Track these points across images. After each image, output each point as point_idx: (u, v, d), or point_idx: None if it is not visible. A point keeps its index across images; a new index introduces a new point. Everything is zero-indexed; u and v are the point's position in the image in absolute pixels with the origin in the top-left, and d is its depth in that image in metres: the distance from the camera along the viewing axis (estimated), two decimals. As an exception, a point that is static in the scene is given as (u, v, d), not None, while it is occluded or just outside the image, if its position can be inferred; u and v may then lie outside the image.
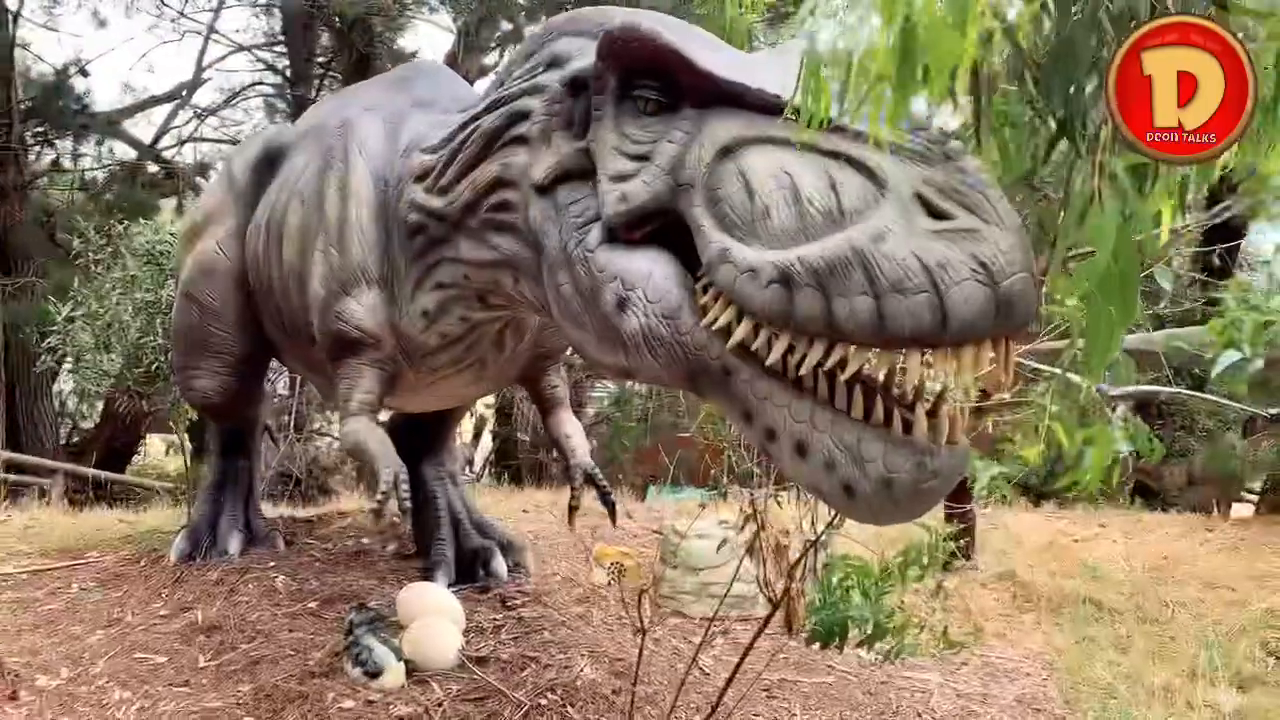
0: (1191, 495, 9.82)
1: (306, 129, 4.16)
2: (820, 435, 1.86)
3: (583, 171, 2.33)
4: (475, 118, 2.77)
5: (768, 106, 1.98)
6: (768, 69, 2.07)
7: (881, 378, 1.89)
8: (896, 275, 1.67)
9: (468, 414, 12.44)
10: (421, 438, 5.02)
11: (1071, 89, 1.69)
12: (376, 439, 3.36)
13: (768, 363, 1.88)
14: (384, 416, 4.31)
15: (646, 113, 2.20)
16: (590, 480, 3.79)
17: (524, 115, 2.56)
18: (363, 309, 3.32)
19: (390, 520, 3.29)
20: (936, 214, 1.72)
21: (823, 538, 2.70)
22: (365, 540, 5.47)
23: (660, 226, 2.16)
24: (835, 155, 1.85)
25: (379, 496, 3.21)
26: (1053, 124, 1.76)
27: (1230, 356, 2.03)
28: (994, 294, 1.66)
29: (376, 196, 3.34)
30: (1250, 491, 10.31)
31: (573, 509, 3.78)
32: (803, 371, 1.83)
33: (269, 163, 4.24)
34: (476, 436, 13.30)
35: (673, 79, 2.13)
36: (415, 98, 3.62)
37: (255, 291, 4.23)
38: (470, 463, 13.17)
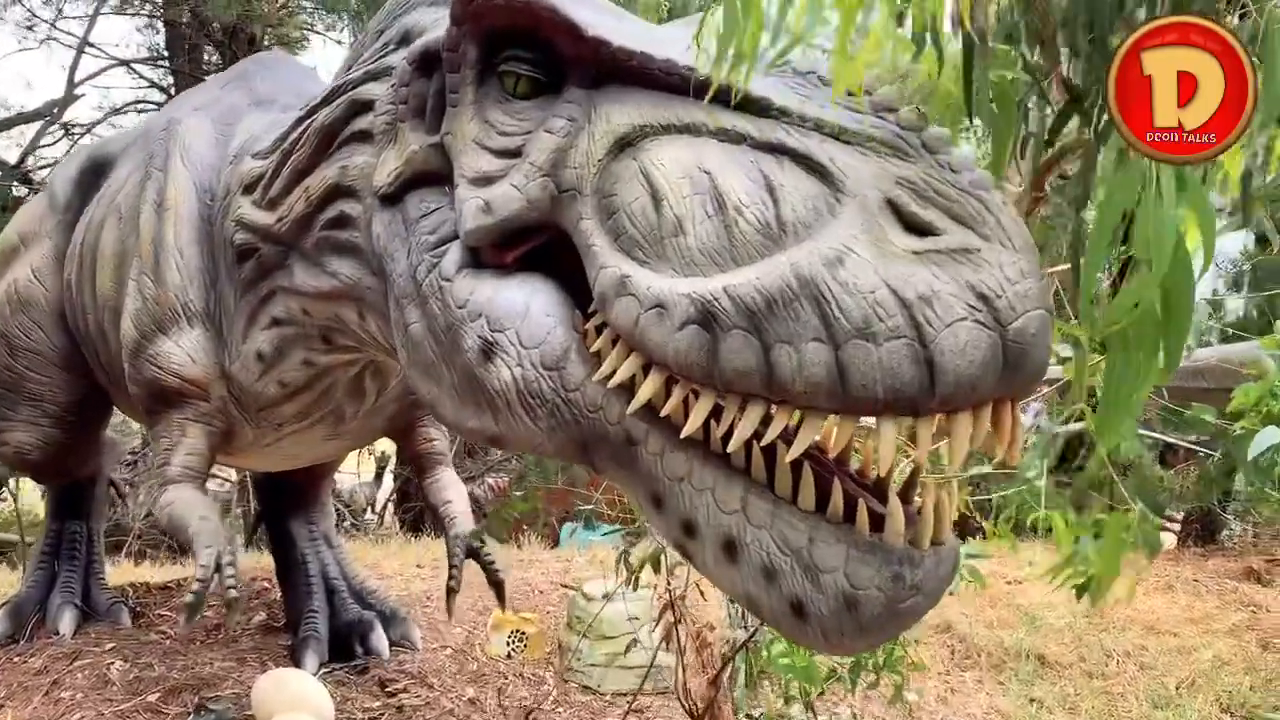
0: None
1: (136, 136, 3.52)
2: (757, 532, 1.35)
3: (438, 174, 1.79)
4: (311, 111, 2.21)
5: (680, 84, 1.47)
6: (679, 39, 1.56)
7: (838, 451, 1.38)
8: (862, 314, 1.18)
9: (366, 452, 11.68)
10: (290, 492, 4.39)
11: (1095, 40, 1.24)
12: (198, 512, 2.72)
13: (685, 432, 1.37)
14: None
15: (517, 94, 1.66)
16: (474, 555, 3.21)
17: (367, 105, 2.00)
18: (182, 352, 2.70)
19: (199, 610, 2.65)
20: (916, 228, 1.23)
21: (755, 637, 2.21)
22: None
23: (540, 245, 1.64)
24: (773, 148, 1.35)
25: (196, 583, 2.59)
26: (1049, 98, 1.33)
27: (1271, 436, 1.61)
28: (1000, 339, 1.18)
29: (200, 212, 2.73)
30: (1171, 519, 10.19)
31: (451, 592, 3.19)
32: (732, 447, 1.32)
33: (95, 175, 3.57)
34: (378, 476, 12.49)
35: (551, 48, 1.61)
36: (254, 94, 3.02)
37: (73, 328, 3.55)
38: (372, 504, 12.38)
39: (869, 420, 1.29)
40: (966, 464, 1.67)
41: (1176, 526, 9.80)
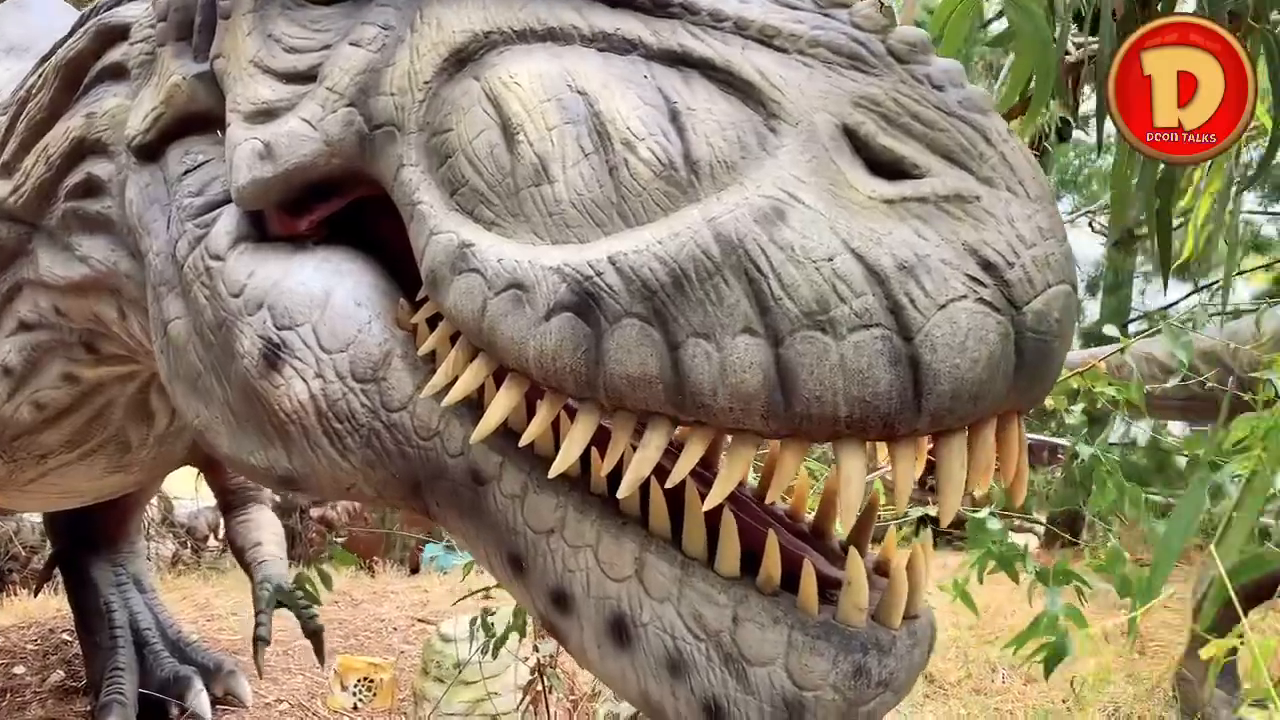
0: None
1: None
2: (658, 607, 0.94)
3: (208, 115, 1.31)
4: (54, 49, 1.69)
5: (542, -25, 1.05)
6: None
7: (776, 493, 0.99)
8: (815, 292, 0.79)
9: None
10: (91, 528, 3.76)
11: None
12: None
13: (555, 469, 0.95)
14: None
15: None
16: (285, 601, 2.71)
17: (121, 31, 1.51)
18: None
19: None
20: (887, 167, 0.85)
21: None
22: (18, 670, 4.08)
23: (347, 207, 1.19)
24: (677, 58, 0.95)
25: None
26: None
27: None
28: (1012, 327, 0.81)
29: None
30: (1034, 521, 10.39)
31: (259, 640, 2.68)
32: (624, 491, 0.91)
33: None
34: (221, 499, 11.56)
35: (359, -73, 1.17)
36: (3, 40, 2.44)
37: None
38: (214, 531, 11.46)
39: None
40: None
41: (1040, 528, 9.98)
